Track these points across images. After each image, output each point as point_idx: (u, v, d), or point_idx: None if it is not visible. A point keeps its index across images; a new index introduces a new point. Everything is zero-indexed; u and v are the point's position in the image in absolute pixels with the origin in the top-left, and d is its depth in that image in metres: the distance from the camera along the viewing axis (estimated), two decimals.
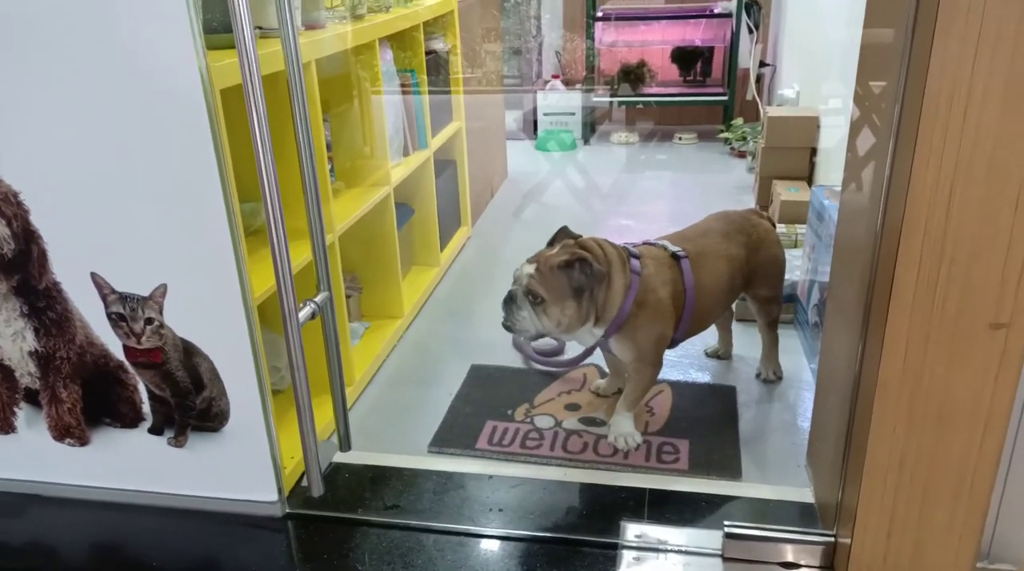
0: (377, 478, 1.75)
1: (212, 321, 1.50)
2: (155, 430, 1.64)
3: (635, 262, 1.76)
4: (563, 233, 1.79)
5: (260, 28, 1.65)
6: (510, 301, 1.71)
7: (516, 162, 4.23)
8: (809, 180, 2.99)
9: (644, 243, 1.86)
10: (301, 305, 1.43)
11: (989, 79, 1.02)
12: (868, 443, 1.23)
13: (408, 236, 2.73)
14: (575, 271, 1.65)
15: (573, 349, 2.20)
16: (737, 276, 1.90)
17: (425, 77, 2.62)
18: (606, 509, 1.63)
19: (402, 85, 2.50)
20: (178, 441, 1.64)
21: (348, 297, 2.33)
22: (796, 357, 2.22)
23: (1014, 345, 1.13)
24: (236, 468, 1.63)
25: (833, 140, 2.92)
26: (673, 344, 1.85)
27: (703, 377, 2.13)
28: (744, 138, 4.11)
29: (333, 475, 1.76)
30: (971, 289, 1.11)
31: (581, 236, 1.79)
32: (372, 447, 1.86)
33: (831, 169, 2.87)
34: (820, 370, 1.65)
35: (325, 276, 1.51)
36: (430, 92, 2.68)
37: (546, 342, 2.28)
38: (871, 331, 1.24)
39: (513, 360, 2.25)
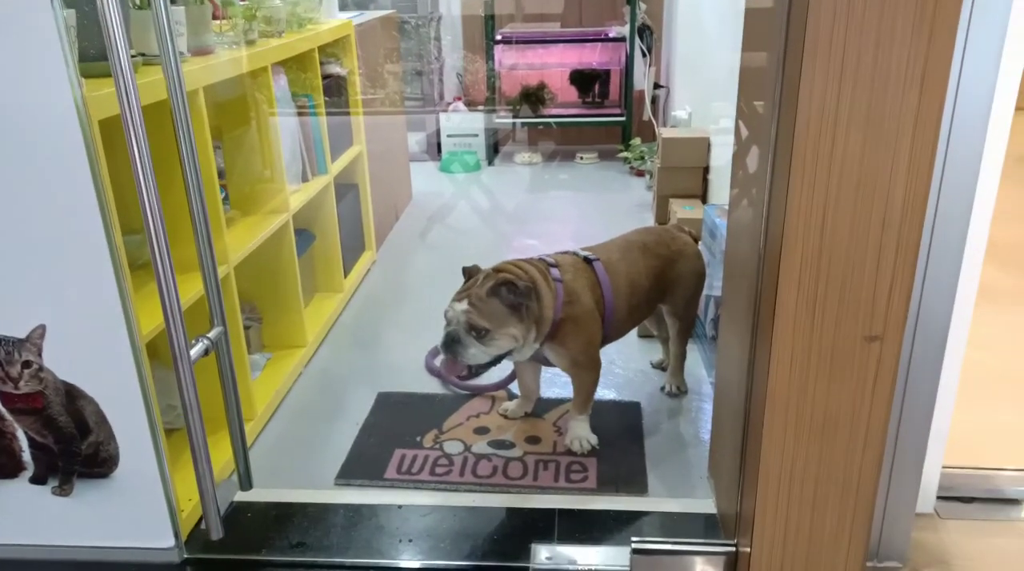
0: (281, 516, 1.69)
1: (97, 362, 1.43)
2: (37, 479, 1.54)
3: (554, 271, 1.81)
4: (469, 271, 1.82)
5: (143, 55, 1.60)
6: (453, 342, 1.71)
7: (420, 184, 4.22)
8: (703, 198, 3.10)
9: (556, 253, 1.91)
10: (193, 342, 1.37)
11: (852, 105, 1.08)
12: (761, 453, 1.28)
13: (310, 263, 2.68)
14: (504, 293, 1.69)
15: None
16: (655, 282, 1.98)
17: (323, 101, 2.58)
18: (517, 532, 1.63)
19: (299, 110, 2.46)
20: (63, 490, 1.54)
21: (248, 328, 2.26)
22: (697, 370, 2.28)
23: (888, 355, 1.20)
24: (128, 514, 1.55)
25: (722, 159, 3.05)
26: (604, 342, 1.90)
27: (608, 393, 2.16)
28: (642, 157, 4.24)
29: (235, 515, 1.69)
30: (846, 304, 1.18)
31: (481, 268, 1.82)
32: (276, 483, 1.80)
33: (721, 188, 2.99)
34: (717, 383, 1.71)
35: (218, 310, 1.46)
36: (330, 115, 2.65)
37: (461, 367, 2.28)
38: (759, 344, 1.29)
39: (421, 385, 2.23)
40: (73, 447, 1.50)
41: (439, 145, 4.73)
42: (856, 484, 1.27)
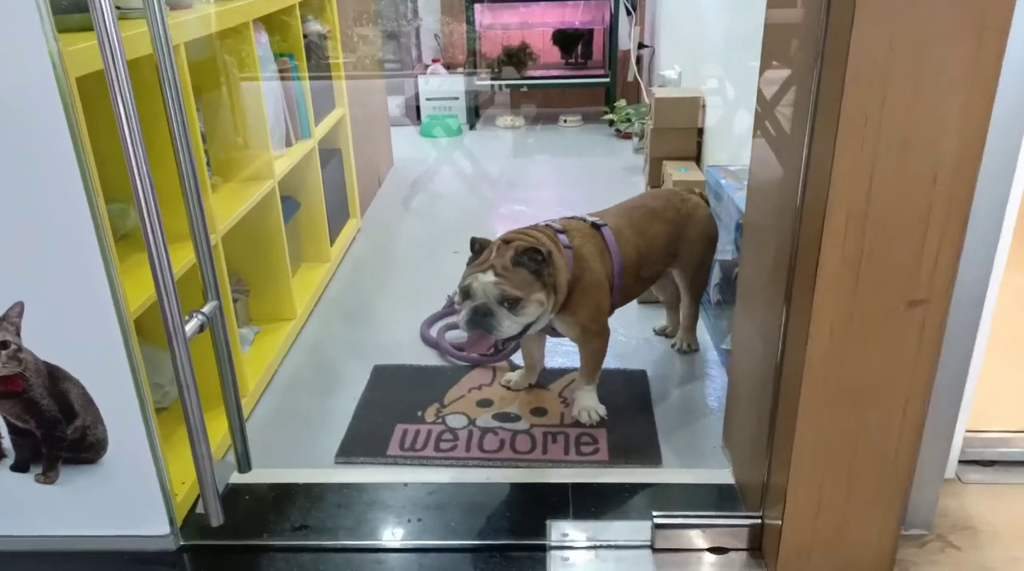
0: (281, 497, 1.61)
1: (81, 340, 1.32)
2: (19, 467, 1.44)
3: (563, 237, 1.74)
4: (480, 243, 1.71)
5: (119, 8, 1.46)
6: (485, 316, 1.61)
7: (401, 149, 4.09)
8: (697, 160, 3.03)
9: (563, 219, 1.83)
10: (187, 318, 1.27)
11: (904, 58, 1.01)
12: (797, 424, 1.22)
13: (295, 231, 2.57)
14: (528, 260, 1.61)
15: None
16: (665, 247, 1.91)
17: (304, 62, 2.45)
18: (530, 509, 1.57)
19: (280, 71, 2.33)
20: (47, 477, 1.44)
21: (235, 301, 2.15)
22: (701, 336, 2.23)
23: (932, 320, 1.14)
24: (120, 501, 1.46)
25: (714, 120, 2.97)
26: (611, 310, 1.84)
27: (613, 362, 2.10)
28: (628, 119, 4.15)
29: (232, 498, 1.61)
30: (891, 267, 1.11)
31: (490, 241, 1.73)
32: (273, 462, 1.72)
33: (716, 149, 2.92)
34: (734, 350, 1.65)
35: (212, 283, 1.36)
36: (310, 78, 2.52)
37: (459, 335, 2.20)
38: (794, 310, 1.23)
39: (418, 357, 2.15)
40: (58, 432, 1.40)
41: (418, 109, 4.59)
42: (894, 454, 1.22)
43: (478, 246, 1.70)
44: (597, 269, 1.74)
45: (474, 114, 4.67)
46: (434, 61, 4.67)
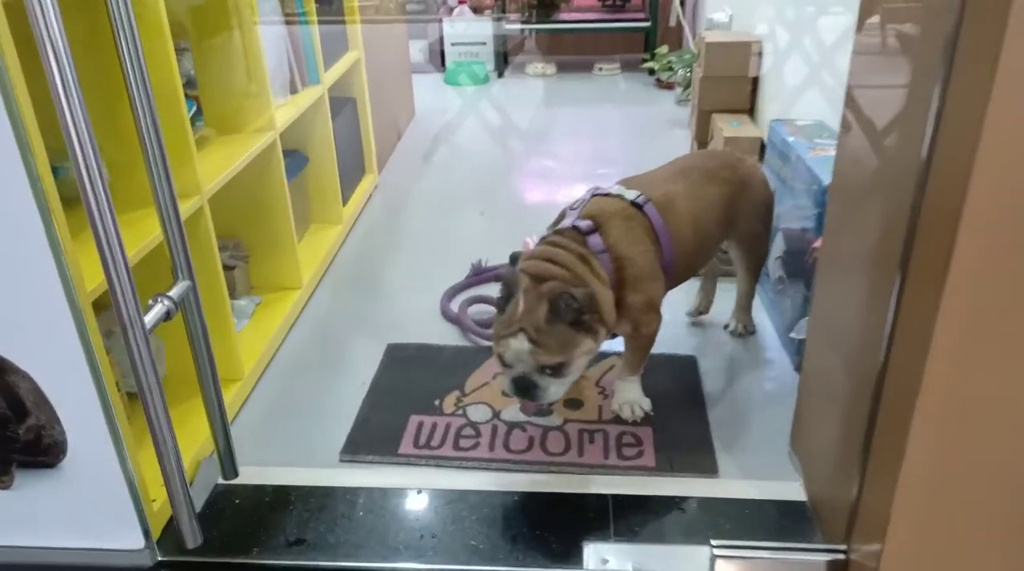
0: (276, 503, 1.39)
1: (26, 327, 1.10)
2: None
3: (594, 240, 1.43)
4: (504, 281, 1.40)
5: None
6: (531, 388, 1.38)
7: (424, 98, 3.81)
8: (751, 113, 2.72)
9: (593, 195, 1.54)
10: (149, 303, 1.04)
11: None
12: (907, 442, 0.97)
13: (303, 189, 2.32)
14: (563, 310, 1.33)
15: None
16: (724, 214, 1.64)
17: (313, 5, 2.18)
18: (563, 526, 1.34)
19: (286, 14, 2.06)
20: (1, 482, 1.24)
21: (231, 268, 1.92)
22: (756, 314, 1.97)
23: None
24: (86, 510, 1.25)
25: (770, 68, 2.65)
26: (665, 291, 1.57)
27: (657, 347, 1.84)
28: (670, 68, 3.81)
29: (218, 503, 1.39)
30: None
31: (521, 256, 1.45)
32: (269, 459, 1.50)
33: (773, 99, 2.61)
34: (809, 343, 1.39)
35: (183, 259, 1.12)
36: (320, 22, 2.25)
37: (484, 310, 1.96)
38: (909, 304, 0.96)
39: (438, 334, 1.92)
40: (8, 432, 1.18)
41: (443, 55, 4.28)
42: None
43: (506, 288, 1.40)
44: (643, 263, 1.46)
45: (502, 61, 4.35)
46: (460, 2, 4.35)
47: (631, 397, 1.58)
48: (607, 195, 1.53)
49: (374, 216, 2.64)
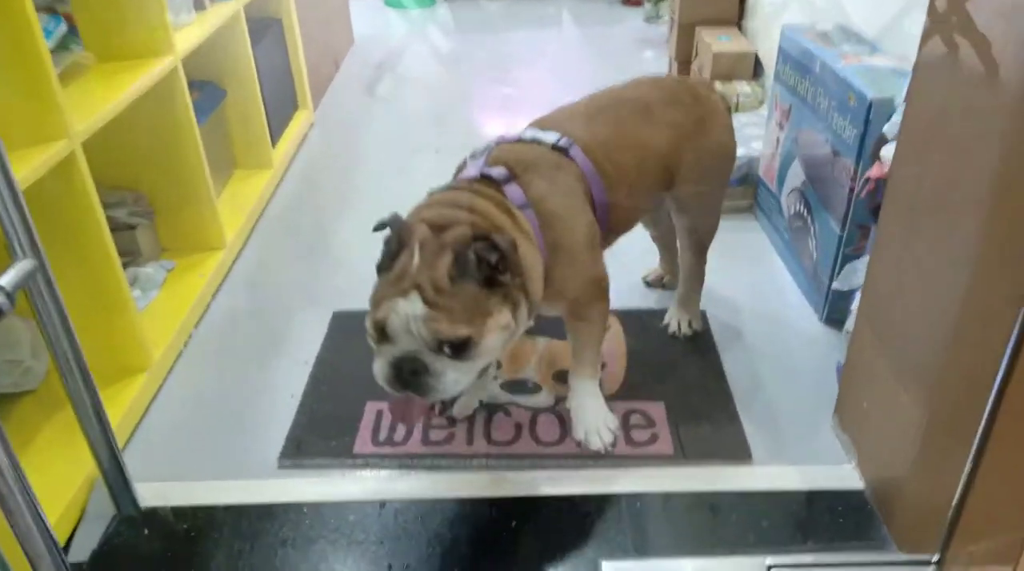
0: (197, 532, 1.08)
1: None
2: None
3: (513, 191, 1.07)
4: (392, 226, 1.03)
5: None
6: (419, 375, 0.97)
7: (363, 23, 3.40)
8: (739, 25, 2.39)
9: (499, 142, 1.17)
10: None
11: None
12: None
13: (222, 129, 1.95)
14: (472, 263, 0.96)
15: None
16: (664, 160, 1.26)
17: None
18: (570, 540, 1.06)
19: None
20: None
21: (132, 228, 1.57)
22: (766, 257, 1.69)
23: None
24: None
25: None
26: (604, 245, 1.22)
27: (654, 300, 1.56)
28: None
29: (118, 540, 1.07)
30: None
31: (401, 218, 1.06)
32: (187, 472, 1.19)
33: (764, 6, 2.28)
34: (867, 297, 1.11)
35: (22, 230, 0.77)
36: None
37: None
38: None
39: None
40: None
41: None
42: None
43: (395, 238, 1.02)
44: (578, 216, 1.12)
45: None
46: None
47: (595, 420, 1.20)
48: (516, 141, 1.17)
49: (312, 158, 2.28)
